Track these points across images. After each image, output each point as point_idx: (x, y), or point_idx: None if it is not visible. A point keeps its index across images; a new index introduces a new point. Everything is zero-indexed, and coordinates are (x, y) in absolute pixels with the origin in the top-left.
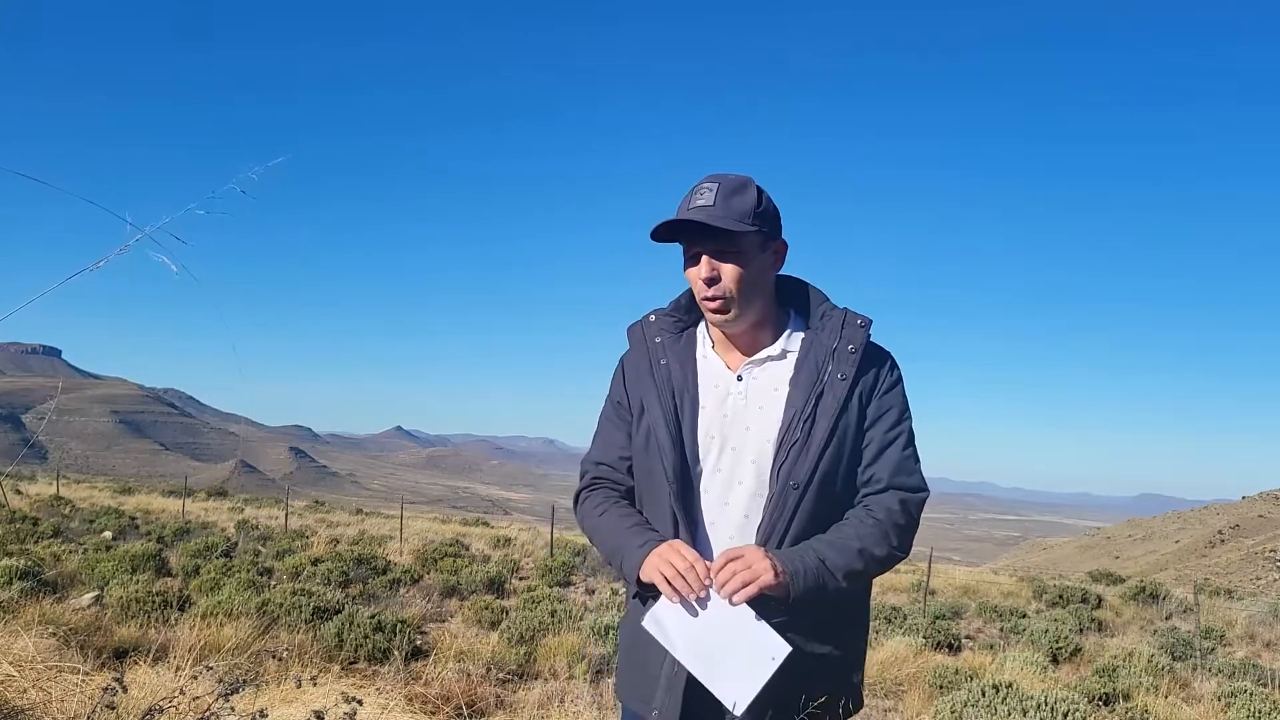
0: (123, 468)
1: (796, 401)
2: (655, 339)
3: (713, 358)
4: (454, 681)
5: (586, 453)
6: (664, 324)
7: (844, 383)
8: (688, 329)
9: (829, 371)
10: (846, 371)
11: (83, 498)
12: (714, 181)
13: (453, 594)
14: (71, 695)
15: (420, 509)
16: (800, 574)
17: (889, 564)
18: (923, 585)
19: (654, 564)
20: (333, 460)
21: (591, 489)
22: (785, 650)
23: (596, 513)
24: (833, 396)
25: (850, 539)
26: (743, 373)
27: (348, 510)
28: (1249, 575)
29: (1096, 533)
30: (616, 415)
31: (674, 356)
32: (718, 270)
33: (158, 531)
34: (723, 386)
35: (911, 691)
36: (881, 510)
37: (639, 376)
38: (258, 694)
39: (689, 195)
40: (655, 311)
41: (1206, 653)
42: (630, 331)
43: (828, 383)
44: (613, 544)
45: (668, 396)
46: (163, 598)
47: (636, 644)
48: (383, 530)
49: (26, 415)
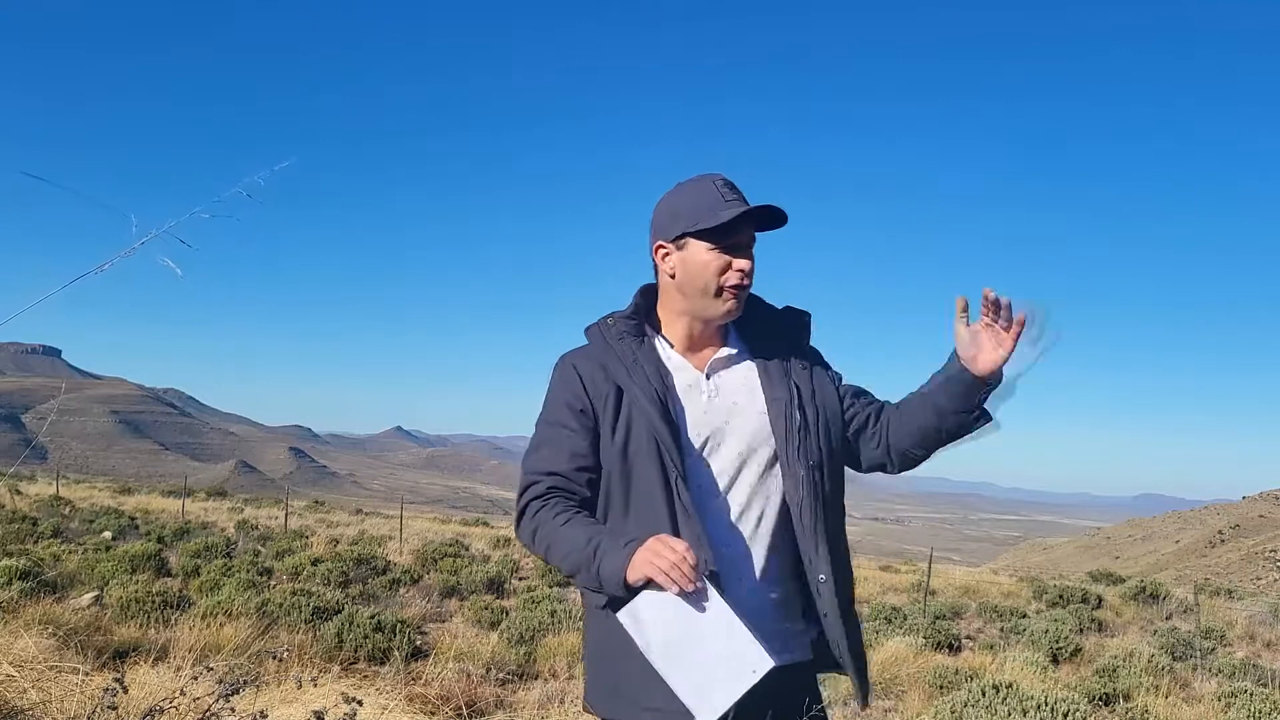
0: (123, 468)
1: (781, 394)
2: (619, 340)
3: (677, 359)
4: (454, 682)
5: (527, 463)
6: (625, 327)
7: (806, 371)
8: (645, 335)
9: (792, 363)
10: (805, 362)
11: (83, 498)
12: (725, 179)
13: (453, 594)
14: (71, 695)
15: (420, 509)
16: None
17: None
18: (923, 585)
19: (644, 558)
20: (333, 460)
21: (545, 499)
22: (768, 664)
23: (558, 521)
24: (805, 385)
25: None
26: (709, 371)
27: (347, 510)
28: (1249, 575)
29: (1096, 533)
30: (575, 421)
31: (646, 359)
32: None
33: (157, 532)
34: (696, 385)
35: (911, 692)
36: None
37: (610, 376)
38: (258, 694)
39: (711, 189)
40: (613, 315)
41: (1207, 653)
42: (589, 332)
43: (796, 374)
44: (584, 550)
45: (656, 399)
46: (163, 598)
47: (612, 653)
48: (382, 530)
49: (26, 415)
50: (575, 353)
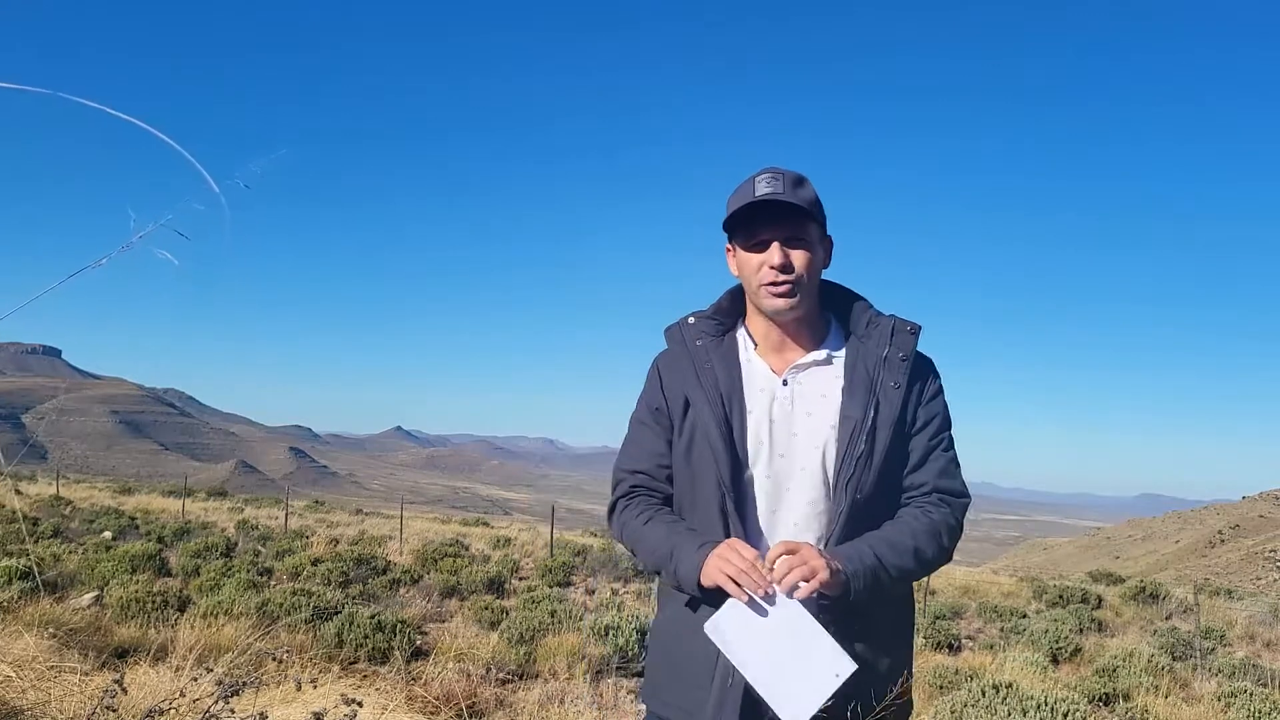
0: (123, 468)
1: (854, 412)
2: (697, 342)
3: (756, 361)
4: (454, 682)
5: (619, 460)
6: (704, 326)
7: (898, 391)
8: (728, 332)
9: (881, 379)
10: (899, 380)
11: (83, 498)
12: (774, 173)
13: (453, 594)
14: (71, 696)
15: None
16: (860, 574)
17: (936, 565)
18: (923, 585)
19: (715, 565)
20: (332, 460)
21: (630, 497)
22: (851, 667)
23: (640, 520)
24: (889, 406)
25: (905, 536)
26: (788, 377)
27: (347, 510)
28: (1249, 575)
29: (1097, 533)
30: (654, 421)
31: (719, 360)
32: (789, 257)
33: (158, 532)
34: (769, 390)
35: (912, 692)
36: (935, 510)
37: (682, 380)
38: (258, 695)
39: (749, 184)
40: (694, 314)
41: (1206, 653)
42: (668, 334)
43: (882, 392)
44: (664, 550)
45: (717, 401)
46: (163, 598)
47: (678, 651)
48: (383, 530)
49: (26, 415)
50: (663, 355)
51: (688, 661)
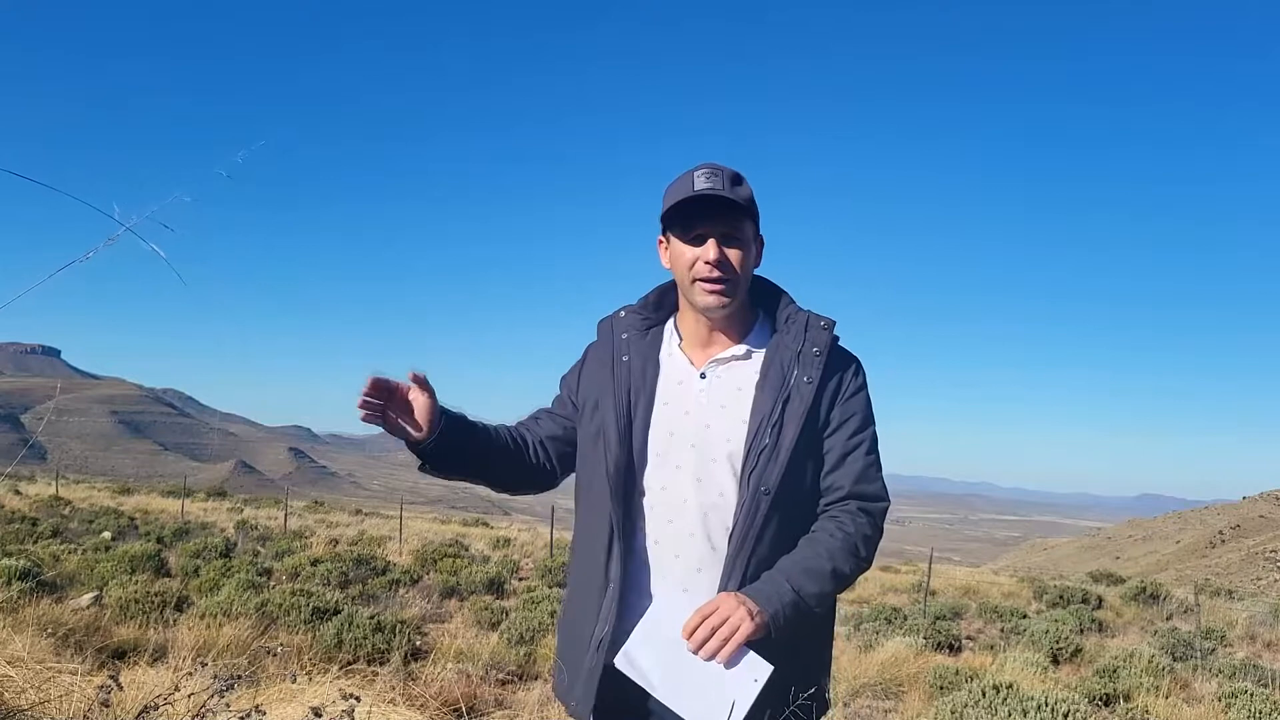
0: (122, 468)
1: (764, 406)
2: (622, 334)
3: (678, 355)
4: (453, 682)
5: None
6: (631, 320)
7: (810, 386)
8: (654, 326)
9: (794, 375)
10: (812, 375)
11: (82, 498)
12: (713, 168)
13: (452, 594)
14: (69, 695)
15: (420, 509)
16: (780, 614)
17: (855, 578)
18: (923, 586)
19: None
20: (332, 460)
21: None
22: (768, 670)
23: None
24: (800, 401)
25: (822, 559)
26: (706, 370)
27: (347, 510)
28: (1249, 575)
29: (1097, 533)
30: (554, 401)
31: (637, 353)
32: (725, 254)
33: (157, 532)
34: (685, 383)
35: (912, 692)
36: (850, 522)
37: (599, 372)
38: (256, 692)
39: (687, 178)
40: (626, 308)
41: (1207, 653)
42: (600, 325)
43: (794, 387)
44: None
45: (623, 394)
46: (162, 598)
47: (567, 640)
48: (382, 530)
49: (26, 415)
50: (592, 345)
51: (573, 645)
